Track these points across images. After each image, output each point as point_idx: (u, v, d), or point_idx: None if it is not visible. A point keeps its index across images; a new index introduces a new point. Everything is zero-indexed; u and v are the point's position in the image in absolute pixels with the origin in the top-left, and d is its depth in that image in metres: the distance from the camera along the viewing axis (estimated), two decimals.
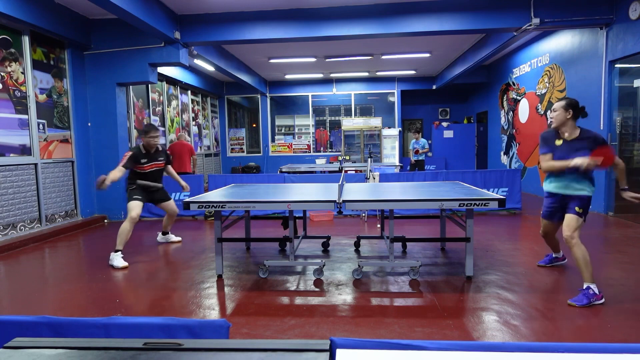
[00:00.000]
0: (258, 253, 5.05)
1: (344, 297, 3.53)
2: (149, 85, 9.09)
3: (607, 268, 4.07)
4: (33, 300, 3.67)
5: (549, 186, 3.69)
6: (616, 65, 6.65)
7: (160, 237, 5.68)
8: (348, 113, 14.27)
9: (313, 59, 10.63)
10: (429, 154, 14.02)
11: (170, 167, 5.43)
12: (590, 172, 3.43)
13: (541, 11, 6.44)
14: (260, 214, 7.14)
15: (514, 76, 10.54)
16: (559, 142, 3.52)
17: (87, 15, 6.95)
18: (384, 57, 10.58)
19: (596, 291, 3.27)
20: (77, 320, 1.27)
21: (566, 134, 3.48)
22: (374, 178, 6.65)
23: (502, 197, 3.68)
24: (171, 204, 5.35)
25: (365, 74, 13.19)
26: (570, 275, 3.98)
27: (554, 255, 4.25)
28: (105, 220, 7.33)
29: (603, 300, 3.27)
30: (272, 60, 10.65)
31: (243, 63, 11.04)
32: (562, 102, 3.48)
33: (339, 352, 0.97)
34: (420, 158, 10.35)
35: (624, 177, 3.43)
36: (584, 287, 3.30)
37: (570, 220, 3.43)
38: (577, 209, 3.42)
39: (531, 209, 7.64)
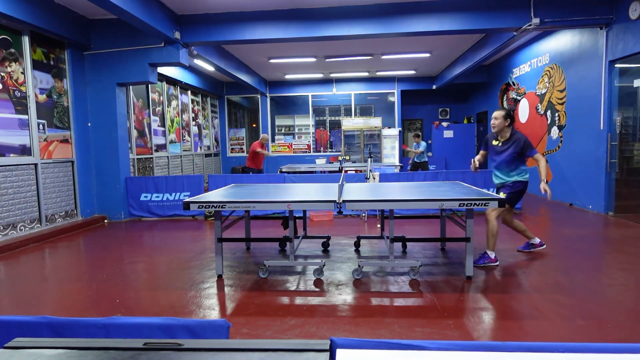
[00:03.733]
0: (258, 253, 5.05)
1: (344, 297, 3.53)
2: (149, 85, 9.09)
3: (607, 268, 4.07)
4: (33, 300, 3.67)
5: (493, 178, 4.61)
6: (616, 65, 6.65)
7: None
8: (348, 113, 14.27)
9: (313, 59, 10.63)
10: (429, 154, 14.01)
11: None
12: (514, 170, 4.32)
13: (541, 11, 6.44)
14: (260, 214, 7.14)
15: (514, 76, 10.54)
16: (495, 142, 4.46)
17: (87, 15, 6.95)
18: (384, 57, 10.58)
19: (492, 257, 4.22)
20: (77, 320, 1.27)
21: (501, 137, 4.41)
22: (374, 178, 6.65)
23: (502, 197, 3.68)
24: None
25: (365, 74, 13.19)
26: (571, 276, 3.98)
27: (530, 242, 4.74)
28: (105, 220, 7.33)
29: (497, 263, 4.21)
30: (272, 60, 10.65)
31: (243, 63, 11.04)
32: (502, 112, 4.36)
33: (339, 352, 0.97)
34: (423, 160, 10.54)
35: (545, 172, 4.27)
36: (483, 252, 4.24)
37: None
38: (502, 194, 4.32)
39: (531, 209, 7.64)
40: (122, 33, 7.03)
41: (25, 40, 5.98)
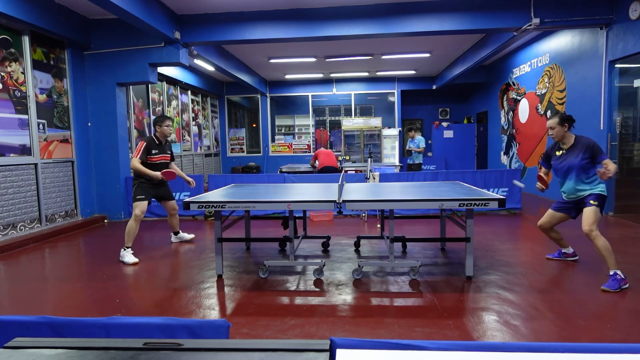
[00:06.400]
0: (258, 253, 5.05)
1: (344, 297, 3.53)
2: (149, 85, 9.09)
3: (607, 268, 4.07)
4: (33, 300, 3.67)
5: (563, 195, 4.08)
6: (616, 65, 6.65)
7: (173, 237, 5.65)
8: (348, 113, 14.27)
9: (313, 59, 10.63)
10: (428, 154, 14.00)
11: (174, 164, 5.37)
12: (590, 178, 3.81)
13: (541, 11, 6.44)
14: (260, 214, 7.14)
15: (514, 76, 10.54)
16: (558, 153, 3.98)
17: (87, 15, 6.95)
18: (384, 57, 10.58)
19: (622, 276, 3.56)
20: (77, 320, 1.27)
21: (564, 145, 3.93)
22: (374, 178, 6.65)
23: (502, 197, 3.68)
24: (172, 203, 5.39)
25: (365, 74, 13.19)
26: (571, 276, 3.98)
27: (563, 251, 4.44)
28: (105, 220, 7.33)
29: (627, 284, 3.56)
30: (272, 60, 10.65)
31: (243, 63, 11.04)
32: (556, 119, 3.86)
33: (339, 352, 0.97)
34: (417, 161, 9.51)
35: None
36: (612, 273, 3.57)
37: (587, 214, 3.71)
38: (592, 201, 3.73)
39: (531, 209, 7.64)
40: (122, 33, 7.03)
41: (25, 40, 5.98)
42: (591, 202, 3.72)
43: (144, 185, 4.91)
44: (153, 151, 4.92)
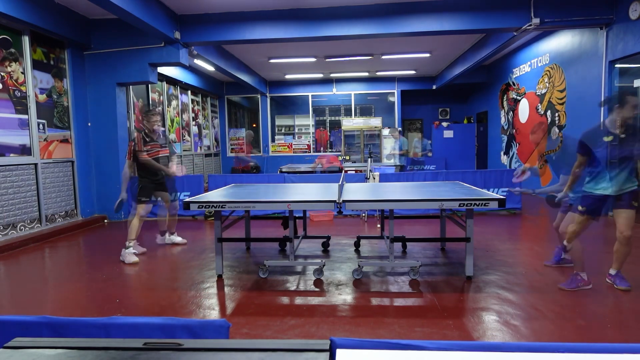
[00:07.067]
0: (258, 253, 5.05)
1: (344, 297, 3.53)
2: (149, 85, 9.08)
3: (607, 268, 4.07)
4: (33, 300, 3.67)
5: (601, 189, 3.39)
6: (616, 65, 6.65)
7: (166, 238, 5.59)
8: (348, 113, 14.27)
9: (313, 59, 10.62)
10: (428, 154, 13.98)
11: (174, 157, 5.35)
12: (632, 170, 3.33)
13: (541, 11, 6.44)
14: (260, 214, 7.14)
15: (514, 76, 10.54)
16: (608, 138, 3.35)
17: (87, 15, 6.94)
18: (384, 57, 10.58)
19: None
20: (77, 320, 1.27)
21: (620, 129, 3.36)
22: (374, 178, 6.65)
23: (502, 197, 3.68)
24: (174, 203, 5.45)
25: (365, 74, 13.19)
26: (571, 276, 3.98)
27: (563, 256, 4.22)
28: (105, 220, 7.33)
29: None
30: (272, 60, 10.65)
31: (243, 63, 11.04)
32: (635, 98, 3.27)
33: (339, 352, 0.97)
34: (399, 164, 9.47)
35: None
36: (614, 273, 3.60)
37: (630, 216, 3.35)
38: (634, 202, 3.34)
39: (531, 209, 7.64)
40: (122, 33, 7.03)
41: (25, 40, 5.98)
42: (634, 202, 3.30)
43: (148, 186, 4.96)
44: (144, 147, 4.94)
